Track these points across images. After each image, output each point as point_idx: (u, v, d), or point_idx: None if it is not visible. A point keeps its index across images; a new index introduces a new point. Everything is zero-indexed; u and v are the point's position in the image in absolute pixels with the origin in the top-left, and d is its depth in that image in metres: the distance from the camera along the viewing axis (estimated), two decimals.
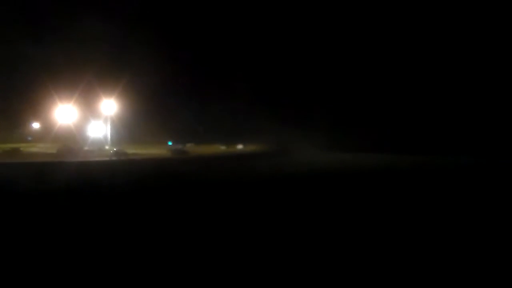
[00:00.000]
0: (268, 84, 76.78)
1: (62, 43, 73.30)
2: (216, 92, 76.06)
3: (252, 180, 27.02)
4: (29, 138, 75.72)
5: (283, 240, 10.45)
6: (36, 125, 78.38)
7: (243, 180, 27.16)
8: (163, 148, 68.28)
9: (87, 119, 70.10)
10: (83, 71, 67.59)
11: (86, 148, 62.64)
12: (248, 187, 22.73)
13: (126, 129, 69.69)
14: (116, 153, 57.86)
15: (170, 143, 71.62)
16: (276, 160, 48.45)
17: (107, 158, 52.04)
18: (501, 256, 9.06)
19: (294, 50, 77.12)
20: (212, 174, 31.99)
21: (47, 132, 70.73)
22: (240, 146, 72.24)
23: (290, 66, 76.84)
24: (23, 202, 16.91)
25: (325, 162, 41.70)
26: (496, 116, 61.71)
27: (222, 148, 71.18)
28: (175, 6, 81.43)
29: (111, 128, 69.50)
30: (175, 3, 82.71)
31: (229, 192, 20.67)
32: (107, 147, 64.67)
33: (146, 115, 70.94)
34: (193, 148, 68.49)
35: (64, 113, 69.72)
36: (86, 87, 65.77)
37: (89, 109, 69.64)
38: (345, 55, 73.07)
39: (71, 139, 65.70)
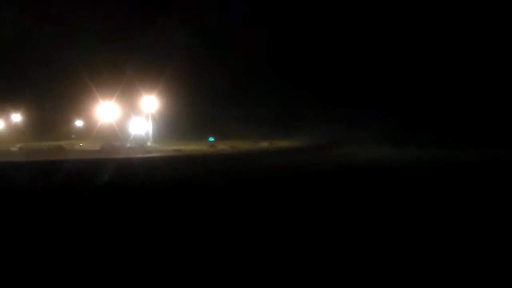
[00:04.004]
0: (320, 80, 74.38)
1: (103, 41, 73.42)
2: (263, 89, 73.98)
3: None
4: (73, 136, 76.75)
5: None
6: (79, 123, 79.49)
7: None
8: (204, 144, 67.42)
9: (129, 116, 70.09)
10: (124, 68, 67.56)
11: (128, 145, 62.42)
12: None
13: (167, 125, 69.18)
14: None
15: (211, 139, 70.66)
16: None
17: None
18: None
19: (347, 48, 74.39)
20: None
21: (90, 130, 71.26)
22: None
23: (344, 63, 74.23)
24: (74, 197, 16.73)
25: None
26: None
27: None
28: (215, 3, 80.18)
29: (152, 125, 69.18)
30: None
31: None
32: (149, 144, 64.34)
33: (187, 111, 70.13)
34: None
35: (106, 110, 69.95)
36: (127, 84, 65.64)
37: (130, 106, 69.60)
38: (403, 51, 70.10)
39: (113, 137, 65.78)
